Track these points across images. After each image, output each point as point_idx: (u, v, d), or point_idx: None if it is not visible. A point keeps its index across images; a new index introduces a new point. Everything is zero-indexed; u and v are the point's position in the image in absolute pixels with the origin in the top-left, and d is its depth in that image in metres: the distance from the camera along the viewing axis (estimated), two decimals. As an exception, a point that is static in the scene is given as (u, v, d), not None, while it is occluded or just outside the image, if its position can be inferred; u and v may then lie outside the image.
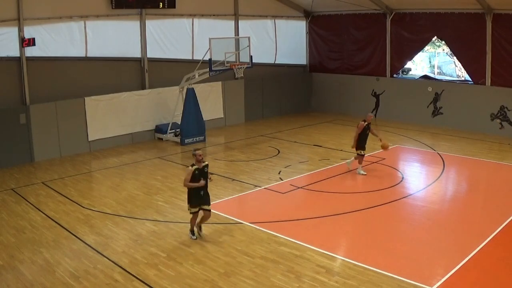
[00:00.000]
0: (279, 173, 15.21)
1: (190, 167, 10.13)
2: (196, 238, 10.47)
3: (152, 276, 8.99)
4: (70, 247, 10.32)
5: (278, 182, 14.37)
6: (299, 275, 8.93)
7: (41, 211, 12.36)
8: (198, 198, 10.26)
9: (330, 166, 15.89)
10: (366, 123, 14.67)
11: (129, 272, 9.13)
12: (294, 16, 25.70)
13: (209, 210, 10.44)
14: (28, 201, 13.11)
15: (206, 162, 10.42)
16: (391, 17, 22.92)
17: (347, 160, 15.41)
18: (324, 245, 10.05)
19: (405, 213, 12.10)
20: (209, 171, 10.47)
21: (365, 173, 14.81)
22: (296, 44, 26.18)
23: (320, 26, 25.90)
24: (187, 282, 8.75)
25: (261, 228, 11.00)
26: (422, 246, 10.03)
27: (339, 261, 9.49)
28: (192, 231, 10.55)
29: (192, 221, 10.49)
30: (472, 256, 9.47)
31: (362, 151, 14.78)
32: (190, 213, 10.36)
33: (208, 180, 10.39)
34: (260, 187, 13.94)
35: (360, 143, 14.74)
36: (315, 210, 12.14)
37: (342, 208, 12.16)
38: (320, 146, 18.56)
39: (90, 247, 10.26)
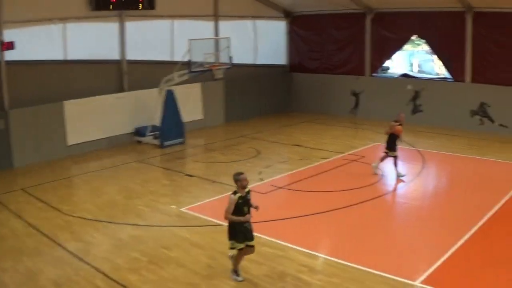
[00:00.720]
0: (259, 174, 15.21)
1: (233, 195, 8.53)
2: (243, 280, 8.86)
3: (134, 281, 8.93)
4: (52, 255, 10.20)
5: (258, 183, 14.36)
6: (282, 275, 8.95)
7: (22, 219, 12.18)
8: (244, 232, 8.68)
9: (310, 166, 15.94)
10: (398, 123, 14.50)
11: (111, 278, 9.05)
12: (274, 17, 25.70)
13: (253, 246, 8.85)
14: (8, 209, 12.90)
15: (248, 188, 8.79)
16: (371, 17, 23.05)
17: (373, 164, 15.07)
18: (306, 244, 10.09)
19: (386, 210, 12.22)
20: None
21: (381, 172, 14.69)
22: (276, 45, 26.16)
23: (300, 26, 25.93)
24: (170, 286, 8.72)
25: (243, 230, 10.97)
26: (404, 242, 10.14)
27: (321, 260, 9.55)
28: (235, 271, 8.93)
29: (238, 259, 8.87)
30: (454, 251, 9.59)
31: (390, 152, 14.55)
32: (232, 248, 8.79)
33: (254, 209, 8.82)
34: (242, 188, 13.88)
35: (390, 144, 14.53)
36: (296, 209, 12.17)
37: (324, 206, 12.21)
38: (300, 146, 18.58)
39: (72, 253, 10.15)
